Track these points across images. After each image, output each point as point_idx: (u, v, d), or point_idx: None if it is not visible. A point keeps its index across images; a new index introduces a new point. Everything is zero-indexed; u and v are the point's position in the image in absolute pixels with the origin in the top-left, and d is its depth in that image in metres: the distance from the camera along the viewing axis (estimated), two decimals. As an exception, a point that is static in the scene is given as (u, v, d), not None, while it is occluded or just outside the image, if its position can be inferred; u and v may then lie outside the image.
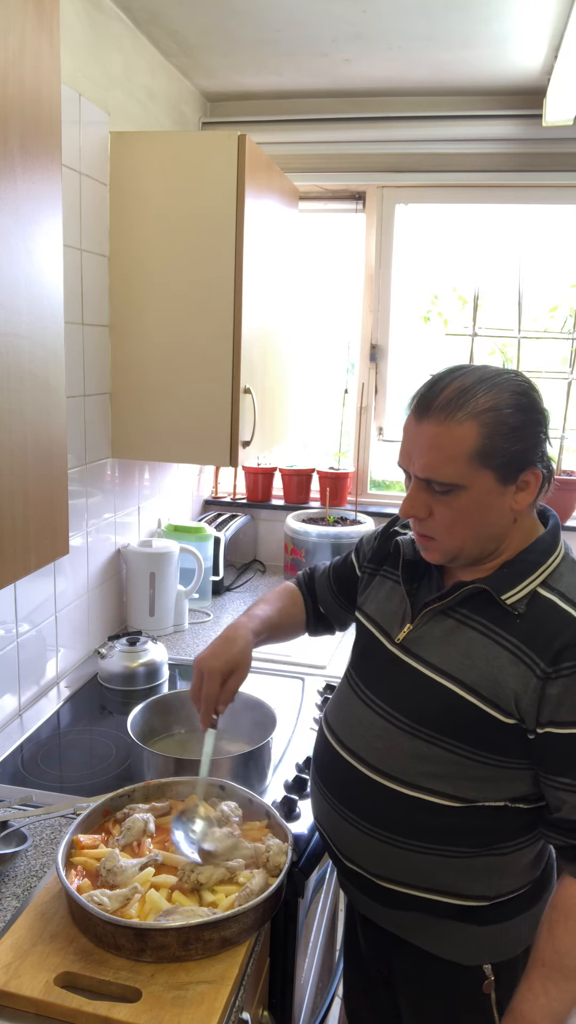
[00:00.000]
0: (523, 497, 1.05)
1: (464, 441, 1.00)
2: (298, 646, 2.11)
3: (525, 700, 1.01)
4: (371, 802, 1.12)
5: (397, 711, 1.11)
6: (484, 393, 1.01)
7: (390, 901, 1.14)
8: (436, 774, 1.07)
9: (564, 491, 2.65)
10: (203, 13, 1.91)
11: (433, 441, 1.02)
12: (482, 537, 1.07)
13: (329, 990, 1.77)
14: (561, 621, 1.01)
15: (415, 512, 1.07)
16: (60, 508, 1.18)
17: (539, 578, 1.05)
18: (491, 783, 1.06)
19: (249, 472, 2.92)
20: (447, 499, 1.04)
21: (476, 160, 2.51)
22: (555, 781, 1.01)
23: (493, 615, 1.05)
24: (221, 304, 1.92)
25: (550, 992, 1.01)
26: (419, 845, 1.08)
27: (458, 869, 1.08)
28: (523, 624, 1.03)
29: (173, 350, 1.97)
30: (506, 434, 1.00)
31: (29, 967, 1.01)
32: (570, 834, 1.02)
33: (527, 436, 1.02)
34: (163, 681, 1.96)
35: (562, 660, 0.99)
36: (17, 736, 1.67)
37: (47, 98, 1.05)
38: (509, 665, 1.02)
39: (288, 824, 1.24)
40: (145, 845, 1.20)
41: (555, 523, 1.13)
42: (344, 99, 2.48)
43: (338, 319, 2.88)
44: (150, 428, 2.02)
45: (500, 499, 1.04)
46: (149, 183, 1.91)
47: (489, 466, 1.01)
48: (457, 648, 1.07)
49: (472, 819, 1.07)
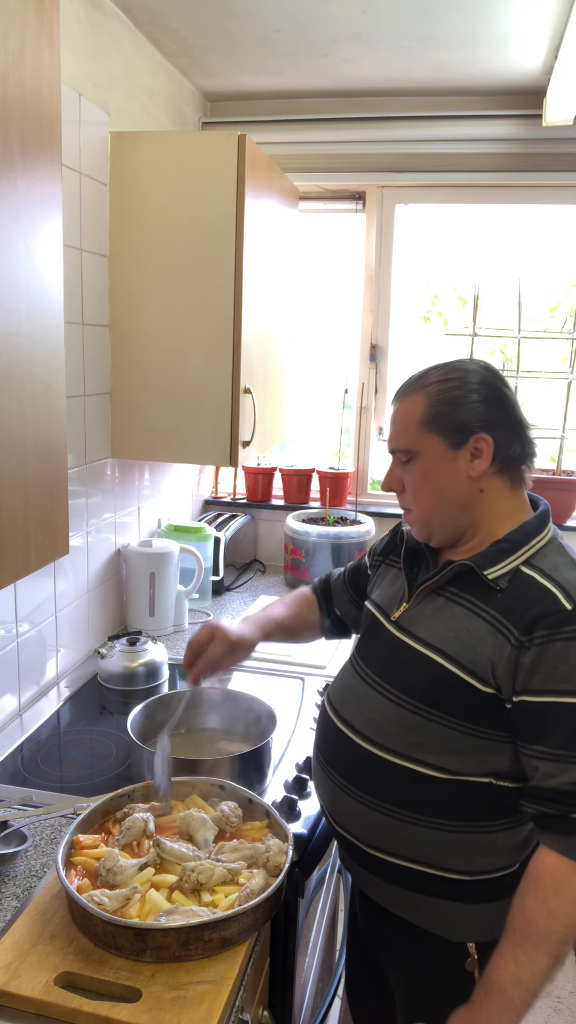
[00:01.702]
0: (478, 464, 1.13)
1: (414, 411, 1.15)
2: (298, 646, 2.11)
3: (500, 668, 1.06)
4: (363, 770, 1.18)
5: (388, 683, 1.17)
6: (437, 372, 1.16)
7: (380, 871, 1.19)
8: (423, 744, 1.12)
9: (564, 491, 2.65)
10: (203, 13, 1.91)
11: (395, 418, 1.19)
12: (447, 504, 1.16)
13: (329, 990, 1.77)
14: (537, 594, 1.07)
15: (390, 484, 1.22)
16: (60, 508, 1.18)
17: (522, 557, 1.11)
18: (474, 755, 1.10)
19: (249, 472, 2.92)
20: (409, 467, 1.17)
21: (476, 160, 2.51)
22: (530, 749, 1.06)
23: (478, 591, 1.11)
24: (221, 304, 1.92)
25: (520, 960, 1.02)
26: (404, 814, 1.13)
27: (439, 842, 1.12)
28: (503, 598, 1.09)
29: (173, 350, 1.97)
30: (449, 401, 1.13)
31: (29, 967, 1.01)
32: (543, 802, 1.05)
33: (473, 406, 1.13)
34: (163, 681, 1.96)
35: (535, 629, 1.04)
36: (17, 736, 1.67)
37: (47, 98, 1.05)
38: (487, 636, 1.08)
39: (288, 824, 1.24)
40: (145, 845, 1.20)
41: (544, 509, 1.20)
42: (344, 99, 2.48)
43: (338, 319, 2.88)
44: (150, 428, 2.02)
45: (453, 464, 1.13)
46: (149, 183, 1.91)
47: (435, 430, 1.13)
48: (443, 622, 1.13)
49: (456, 792, 1.11)
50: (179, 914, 1.05)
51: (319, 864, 1.40)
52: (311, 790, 1.44)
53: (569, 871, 1.02)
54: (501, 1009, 1.03)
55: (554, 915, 1.01)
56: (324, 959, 1.72)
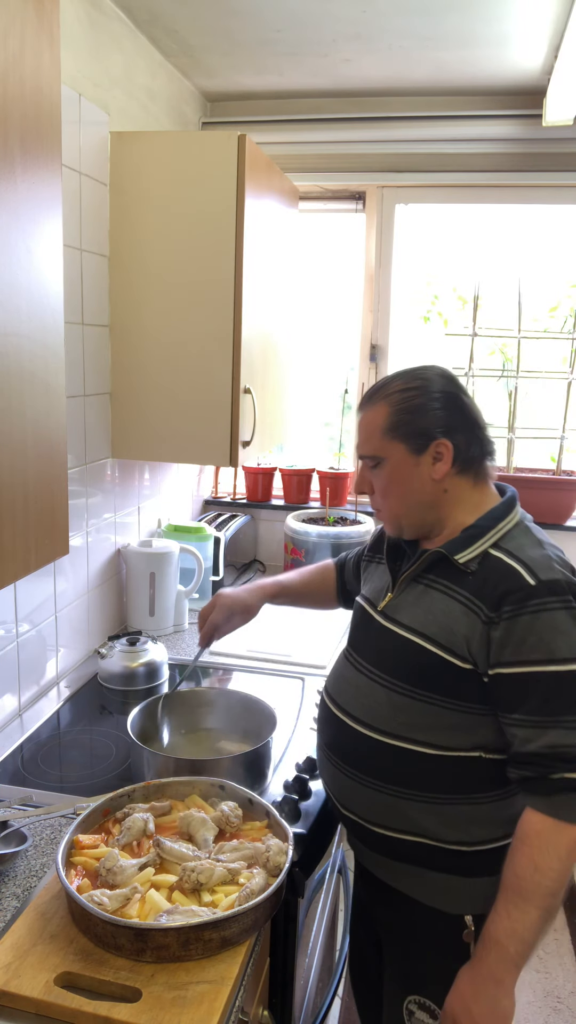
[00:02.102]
0: (440, 467, 1.21)
1: (378, 419, 1.23)
2: (298, 646, 2.11)
3: (475, 644, 1.13)
4: (362, 753, 1.25)
5: (377, 669, 1.25)
6: (396, 381, 1.24)
7: (383, 848, 1.26)
8: (413, 724, 1.19)
9: (564, 491, 2.65)
10: (203, 13, 1.91)
11: (361, 425, 1.27)
12: (413, 504, 1.25)
13: (329, 990, 1.77)
14: (504, 572, 1.15)
15: (360, 488, 1.31)
16: (60, 508, 1.18)
17: (490, 540, 1.19)
18: (461, 731, 1.17)
19: (249, 472, 2.92)
20: (377, 472, 1.25)
21: (476, 160, 2.51)
22: (508, 718, 1.13)
23: (452, 575, 1.19)
24: (221, 304, 1.92)
25: (512, 914, 1.09)
26: (403, 791, 1.21)
27: (437, 815, 1.20)
28: (474, 580, 1.17)
29: (173, 350, 1.97)
30: (410, 411, 1.21)
31: (29, 967, 1.01)
32: (524, 766, 1.11)
33: (431, 411, 1.21)
34: (163, 681, 1.96)
35: (503, 605, 1.12)
36: (17, 736, 1.67)
37: (47, 98, 1.05)
38: (461, 615, 1.15)
39: (288, 824, 1.24)
40: (145, 845, 1.20)
41: (511, 496, 1.27)
42: (344, 99, 2.48)
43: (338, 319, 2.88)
44: (150, 428, 2.02)
45: (416, 468, 1.22)
46: (149, 183, 1.91)
47: (398, 437, 1.21)
48: (423, 607, 1.21)
49: (448, 767, 1.19)
50: (179, 914, 1.05)
51: (319, 864, 1.40)
52: (311, 790, 1.44)
53: (552, 828, 1.08)
54: (499, 961, 1.10)
55: (540, 870, 1.07)
56: (324, 959, 1.72)
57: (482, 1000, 1.10)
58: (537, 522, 1.29)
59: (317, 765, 1.40)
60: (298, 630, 2.22)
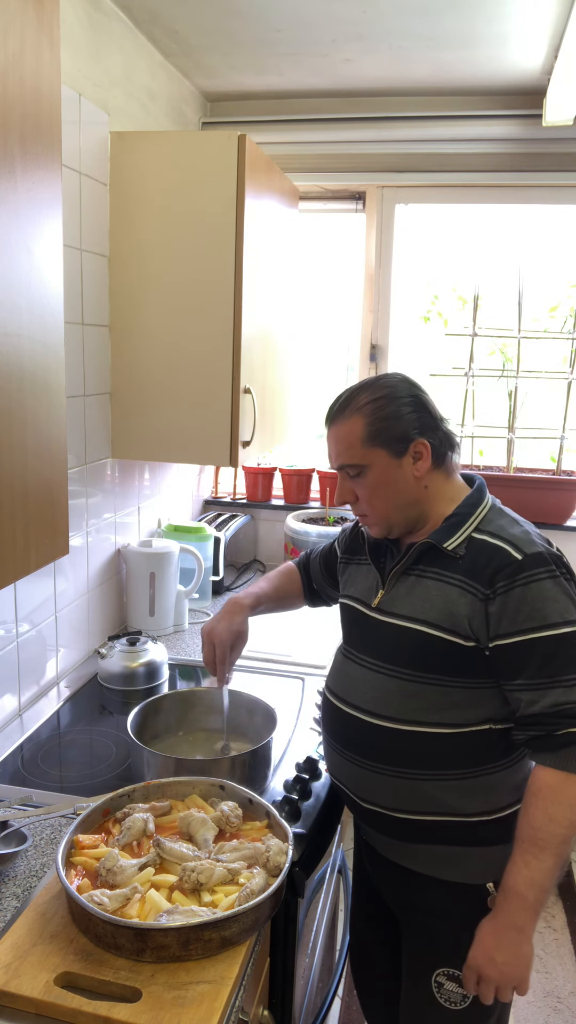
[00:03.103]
0: (421, 465, 1.28)
1: (354, 431, 1.27)
2: (298, 646, 2.11)
3: (476, 621, 1.20)
4: (374, 743, 1.29)
5: (381, 661, 1.30)
6: (363, 393, 1.29)
7: (405, 833, 1.30)
8: (425, 707, 1.25)
9: (564, 491, 2.65)
10: (203, 13, 1.91)
11: (336, 437, 1.30)
12: (400, 504, 1.30)
13: (329, 990, 1.77)
14: (492, 552, 1.22)
15: (344, 498, 1.34)
16: (60, 508, 1.18)
17: (472, 525, 1.26)
18: (470, 706, 1.24)
19: (249, 472, 2.92)
20: (360, 480, 1.29)
21: (476, 160, 2.51)
22: (511, 684, 1.20)
23: (442, 563, 1.26)
24: (221, 304, 1.92)
25: (530, 864, 1.16)
26: (422, 773, 1.26)
27: (458, 789, 1.26)
28: (464, 563, 1.23)
29: (173, 350, 1.97)
30: (385, 418, 1.26)
31: (29, 967, 1.01)
32: (530, 727, 1.19)
33: (404, 415, 1.26)
34: (163, 681, 1.96)
35: (496, 581, 1.19)
36: (17, 736, 1.67)
37: (47, 98, 1.05)
38: (459, 597, 1.22)
39: (288, 824, 1.24)
40: (145, 845, 1.20)
41: (480, 483, 1.35)
42: (344, 99, 2.48)
43: (338, 319, 2.88)
44: (150, 428, 2.02)
45: (399, 471, 1.27)
46: (149, 183, 1.91)
47: (378, 444, 1.26)
48: (419, 597, 1.26)
49: (463, 742, 1.25)
50: (179, 914, 1.05)
51: (319, 864, 1.40)
52: (311, 790, 1.44)
53: (562, 780, 1.16)
54: (520, 909, 1.18)
55: (554, 820, 1.15)
56: (324, 959, 1.72)
57: (505, 948, 1.18)
58: (537, 522, 1.36)
59: (328, 765, 1.42)
60: (298, 630, 2.22)
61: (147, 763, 1.46)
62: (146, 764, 1.47)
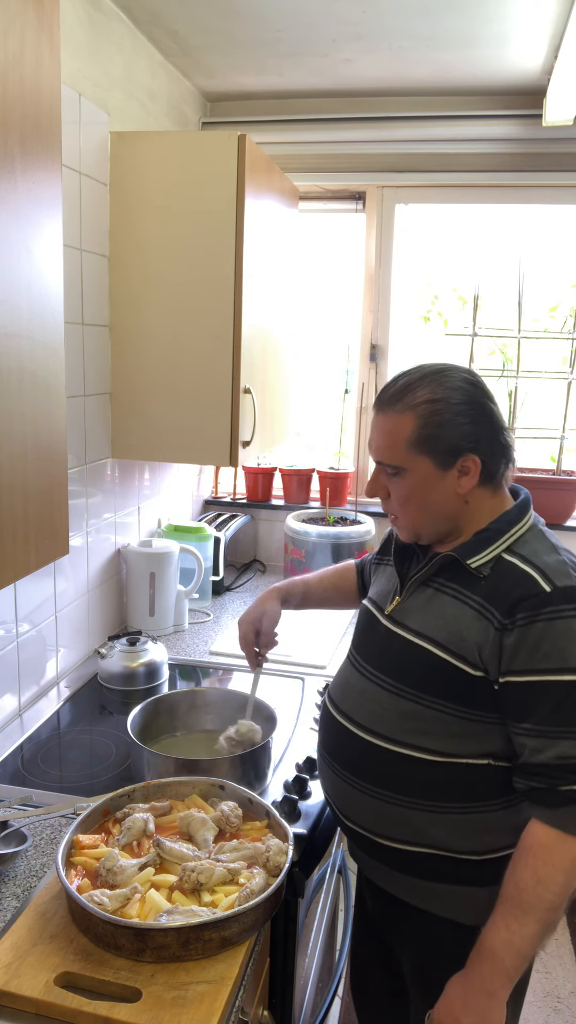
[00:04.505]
0: (466, 481, 1.16)
1: (402, 429, 1.15)
2: (298, 646, 2.11)
3: (487, 651, 1.10)
4: (366, 761, 1.21)
5: (384, 674, 1.22)
6: (423, 388, 1.15)
7: (391, 861, 1.21)
8: (421, 730, 1.16)
9: (564, 491, 2.65)
10: (203, 13, 1.91)
11: (381, 430, 1.18)
12: (433, 516, 1.20)
13: (329, 990, 1.77)
14: (518, 577, 1.11)
15: (374, 492, 1.24)
16: (60, 508, 1.18)
17: (503, 544, 1.16)
18: (471, 738, 1.14)
19: (249, 472, 2.92)
20: (397, 480, 1.19)
21: (476, 160, 2.51)
22: (517, 727, 1.10)
23: (463, 580, 1.16)
24: (221, 304, 1.92)
25: (511, 926, 1.06)
26: (409, 800, 1.17)
27: (447, 824, 1.16)
28: (486, 584, 1.13)
29: (173, 350, 1.97)
30: (440, 423, 1.14)
31: (29, 967, 1.01)
32: (532, 777, 1.09)
33: (463, 425, 1.14)
34: (163, 681, 1.96)
35: (516, 612, 1.08)
36: (17, 736, 1.67)
37: (47, 98, 1.05)
38: (473, 621, 1.12)
39: (288, 824, 1.24)
40: (145, 845, 1.20)
41: (524, 498, 1.23)
42: (344, 99, 2.48)
43: (338, 319, 2.88)
44: (150, 428, 2.02)
45: (441, 483, 1.16)
46: (149, 183, 1.91)
47: (425, 452, 1.15)
48: (433, 612, 1.18)
49: (457, 774, 1.15)
50: (179, 914, 1.05)
51: (319, 864, 1.40)
52: (311, 790, 1.44)
53: (557, 841, 1.06)
54: (493, 972, 1.07)
55: (543, 883, 1.05)
56: (324, 959, 1.72)
57: (472, 1012, 1.08)
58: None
59: (318, 772, 1.38)
60: (298, 630, 2.22)
61: (147, 763, 1.46)
62: (146, 764, 1.47)
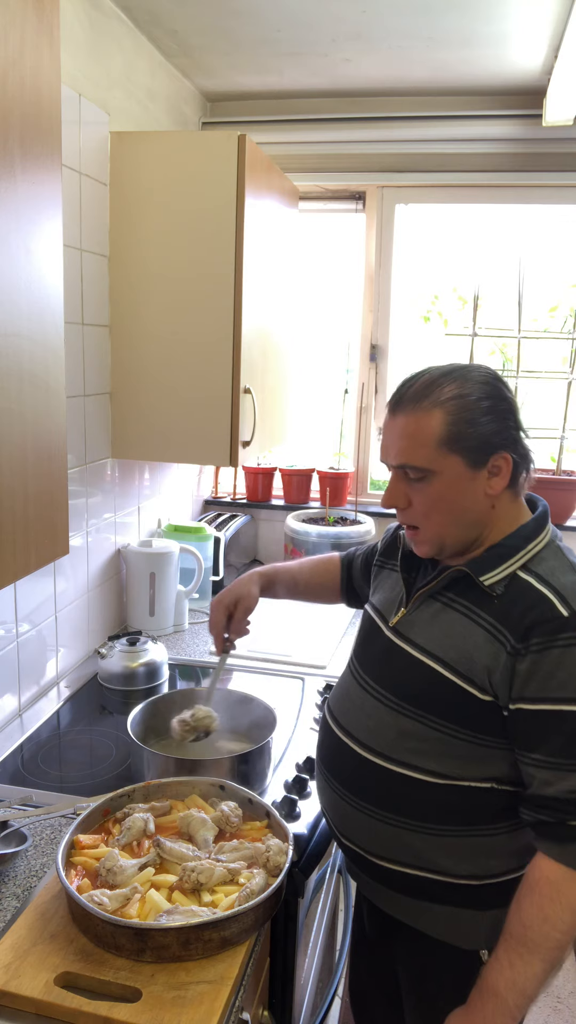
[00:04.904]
0: (496, 482, 1.10)
1: (431, 428, 1.07)
2: (298, 646, 2.11)
3: (497, 675, 1.05)
4: (363, 779, 1.17)
5: (385, 690, 1.16)
6: (449, 383, 1.08)
7: (389, 881, 1.17)
8: (421, 751, 1.11)
9: (564, 491, 2.65)
10: (203, 13, 1.91)
11: (404, 431, 1.09)
12: (460, 523, 1.12)
13: (329, 990, 1.77)
14: (533, 600, 1.05)
15: (394, 502, 1.14)
16: (60, 508, 1.18)
17: (519, 561, 1.09)
18: (474, 762, 1.09)
19: (249, 472, 2.92)
20: (422, 486, 1.10)
21: (476, 160, 2.51)
22: (527, 757, 1.05)
23: (474, 597, 1.10)
24: (221, 304, 1.92)
25: (515, 965, 1.02)
26: (407, 822, 1.12)
27: (446, 848, 1.11)
28: (500, 604, 1.07)
29: (173, 350, 1.97)
30: (471, 420, 1.07)
31: (29, 967, 1.01)
32: (540, 809, 1.04)
33: (493, 422, 1.08)
34: (163, 681, 1.96)
35: (531, 636, 1.03)
36: (17, 736, 1.67)
37: (47, 98, 1.05)
38: (484, 643, 1.06)
39: (288, 824, 1.24)
40: (145, 845, 1.20)
41: (543, 511, 1.17)
42: (344, 99, 2.48)
43: (338, 319, 2.88)
44: (150, 428, 2.02)
45: (472, 484, 1.09)
46: (149, 183, 1.91)
47: (456, 450, 1.07)
48: (441, 629, 1.12)
49: (458, 797, 1.10)
50: (179, 914, 1.05)
51: (319, 864, 1.40)
52: (311, 790, 1.44)
53: (565, 878, 1.01)
54: (496, 1013, 1.03)
55: (550, 921, 1.01)
56: (324, 959, 1.72)
57: None
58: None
59: (316, 784, 1.33)
60: (298, 630, 2.22)
61: (147, 763, 1.46)
62: (146, 764, 1.47)
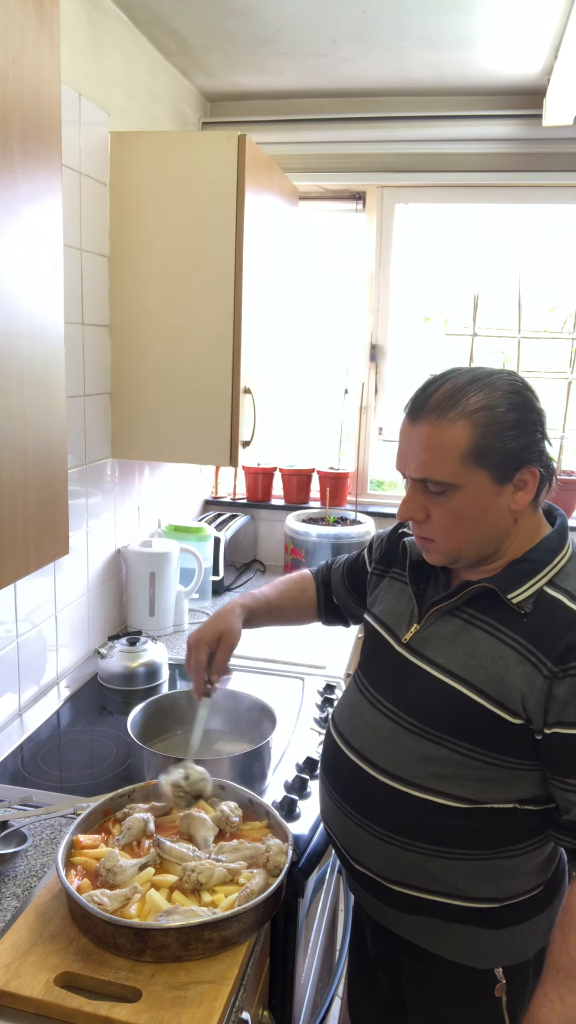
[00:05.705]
0: (522, 497, 1.04)
1: (457, 440, 1.00)
2: (298, 646, 2.11)
3: (532, 700, 1.00)
4: (379, 804, 1.12)
5: (404, 712, 1.11)
6: (476, 393, 1.01)
7: (400, 904, 1.13)
8: (444, 775, 1.06)
9: (564, 491, 2.65)
10: (203, 13, 1.91)
11: (427, 442, 1.02)
12: (481, 538, 1.07)
13: (329, 990, 1.77)
14: (568, 620, 1.00)
15: (412, 515, 1.08)
16: (60, 508, 1.18)
17: (545, 577, 1.05)
18: (499, 784, 1.05)
19: (249, 472, 2.92)
20: (443, 500, 1.04)
21: (476, 160, 2.51)
22: (564, 783, 1.01)
23: (500, 615, 1.05)
24: (221, 304, 1.92)
25: (566, 999, 0.99)
26: (427, 848, 1.08)
27: (466, 871, 1.08)
28: (529, 623, 1.02)
29: (173, 350, 1.97)
30: (499, 433, 1.00)
31: (29, 967, 1.01)
32: None
33: (521, 435, 1.01)
34: (163, 681, 1.96)
35: (569, 659, 0.98)
36: (17, 736, 1.67)
37: (47, 98, 1.05)
38: (515, 665, 1.01)
39: (288, 824, 1.24)
40: (145, 845, 1.20)
41: (563, 522, 1.12)
42: (344, 99, 2.48)
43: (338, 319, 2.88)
44: (150, 428, 2.02)
45: (497, 499, 1.03)
46: (149, 183, 1.91)
47: (483, 465, 1.01)
48: (464, 648, 1.06)
49: (480, 820, 1.06)
50: (179, 914, 1.05)
51: (319, 864, 1.40)
52: (311, 790, 1.44)
53: None
54: None
55: None
56: (324, 959, 1.72)
57: None
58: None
59: (321, 808, 1.28)
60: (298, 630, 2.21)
61: (147, 763, 1.46)
62: (146, 764, 1.47)
